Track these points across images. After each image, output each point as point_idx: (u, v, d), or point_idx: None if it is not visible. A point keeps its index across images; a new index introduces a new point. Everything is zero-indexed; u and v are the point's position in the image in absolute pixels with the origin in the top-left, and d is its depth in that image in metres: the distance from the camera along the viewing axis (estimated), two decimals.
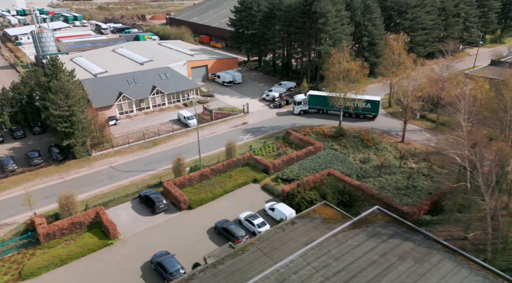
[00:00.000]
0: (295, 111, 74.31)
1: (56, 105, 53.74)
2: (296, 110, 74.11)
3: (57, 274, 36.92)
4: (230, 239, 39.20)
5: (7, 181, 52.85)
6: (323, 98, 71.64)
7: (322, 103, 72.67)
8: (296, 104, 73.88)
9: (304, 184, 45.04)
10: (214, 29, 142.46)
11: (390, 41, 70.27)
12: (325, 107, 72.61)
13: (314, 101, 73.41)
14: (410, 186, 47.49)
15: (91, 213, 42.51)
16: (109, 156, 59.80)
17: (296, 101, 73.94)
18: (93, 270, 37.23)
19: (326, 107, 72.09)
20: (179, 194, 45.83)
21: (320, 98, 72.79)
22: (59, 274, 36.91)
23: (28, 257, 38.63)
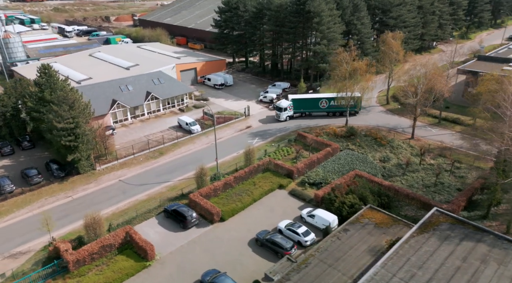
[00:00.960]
0: (282, 118, 70.40)
1: (60, 117, 49.28)
2: (282, 116, 70.34)
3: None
4: (276, 251, 37.44)
5: (8, 204, 47.81)
6: (307, 100, 71.17)
7: (305, 106, 71.43)
8: (282, 111, 70.14)
9: (338, 187, 44.05)
10: (191, 30, 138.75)
11: (389, 39, 71.04)
12: (308, 109, 71.64)
13: (297, 105, 71.19)
14: (438, 183, 47.84)
15: (120, 234, 39.17)
16: (115, 169, 55.89)
17: (281, 107, 70.15)
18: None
19: (310, 109, 71.51)
20: (210, 206, 43.36)
21: (303, 101, 71.38)
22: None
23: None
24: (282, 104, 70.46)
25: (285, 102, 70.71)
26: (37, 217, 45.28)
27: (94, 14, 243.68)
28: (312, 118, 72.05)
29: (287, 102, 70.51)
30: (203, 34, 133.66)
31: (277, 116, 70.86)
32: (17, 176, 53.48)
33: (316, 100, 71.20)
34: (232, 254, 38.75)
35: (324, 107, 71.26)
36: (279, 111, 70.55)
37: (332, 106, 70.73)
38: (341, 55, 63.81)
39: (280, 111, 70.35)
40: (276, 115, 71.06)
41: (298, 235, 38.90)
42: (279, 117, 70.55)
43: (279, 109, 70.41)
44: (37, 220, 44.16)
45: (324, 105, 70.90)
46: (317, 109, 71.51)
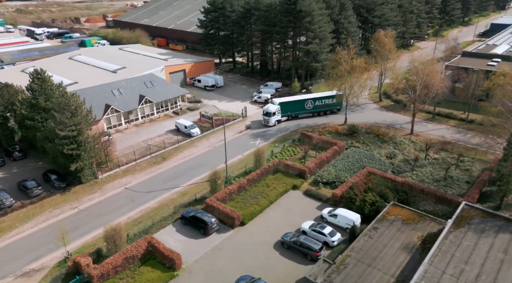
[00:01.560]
0: (271, 123, 67.88)
1: (62, 124, 46.80)
2: (271, 121, 67.79)
3: None
4: (305, 253, 37.11)
5: (10, 219, 44.94)
6: (293, 103, 69.89)
7: (292, 108, 70.15)
8: (271, 115, 67.57)
9: (356, 186, 44.27)
10: (171, 31, 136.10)
11: (382, 37, 72.29)
12: (295, 112, 70.59)
13: (284, 108, 69.36)
14: (447, 177, 49.03)
15: (142, 244, 37.64)
16: (118, 177, 53.78)
17: (270, 112, 67.47)
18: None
19: (296, 111, 70.60)
20: (229, 210, 42.47)
21: (290, 104, 69.87)
22: None
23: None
24: (270, 108, 67.86)
25: (273, 106, 68.28)
26: (43, 231, 43.04)
27: (61, 15, 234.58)
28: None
29: (275, 107, 68.10)
30: (184, 35, 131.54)
31: (266, 122, 68.19)
32: (13, 189, 50.39)
33: (303, 102, 70.27)
34: (259, 258, 38.09)
35: (309, 108, 71.01)
36: (267, 116, 67.89)
37: (317, 106, 71.24)
38: (340, 53, 64.26)
39: (268, 116, 67.75)
40: (264, 120, 68.35)
41: (325, 235, 38.73)
42: (267, 123, 67.99)
43: (268, 114, 67.77)
44: (44, 234, 42.10)
45: (310, 106, 70.64)
46: (303, 110, 70.93)
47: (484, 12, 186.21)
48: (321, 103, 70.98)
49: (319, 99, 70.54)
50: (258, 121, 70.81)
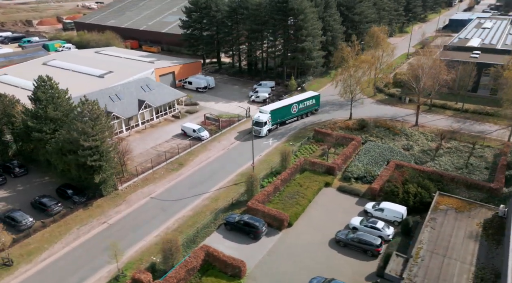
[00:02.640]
0: (262, 133, 63.30)
1: (85, 134, 43.54)
2: (263, 132, 63.33)
3: None
4: (365, 249, 37.30)
5: (36, 241, 41.16)
6: (282, 109, 66.13)
7: (281, 114, 66.30)
8: (263, 125, 62.97)
9: (394, 178, 45.25)
10: (144, 33, 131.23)
11: (377, 33, 74.40)
12: (283, 118, 66.92)
13: (274, 115, 65.07)
14: (468, 165, 51.48)
15: (200, 254, 35.99)
16: (139, 187, 51.07)
17: (261, 121, 62.93)
18: None
19: (284, 117, 67.07)
20: (276, 212, 41.74)
21: (279, 111, 65.80)
22: None
23: None
24: (261, 118, 63.27)
25: (263, 115, 63.73)
26: (78, 251, 40.04)
27: (6, 18, 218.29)
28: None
29: (266, 115, 63.70)
30: (158, 36, 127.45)
31: (257, 132, 62.98)
32: (27, 208, 46.21)
33: (289, 107, 67.53)
34: (319, 258, 37.78)
35: (295, 112, 68.78)
36: (258, 126, 63.04)
37: (300, 109, 69.46)
38: (345, 50, 65.32)
39: (260, 126, 63.08)
40: (255, 131, 62.61)
41: (379, 230, 39.17)
42: (259, 133, 63.13)
43: (259, 124, 63.05)
44: (81, 254, 39.42)
45: (295, 110, 68.46)
46: (290, 115, 68.29)
47: (436, 9, 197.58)
48: (304, 105, 69.62)
49: (302, 102, 69.04)
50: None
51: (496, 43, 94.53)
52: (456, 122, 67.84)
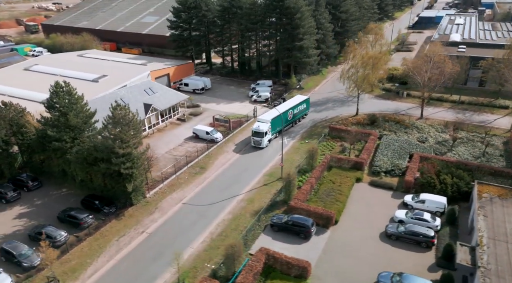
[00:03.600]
0: (263, 144, 59.02)
1: (120, 141, 41.42)
2: (264, 142, 58.97)
3: None
4: (419, 241, 38.17)
5: (76, 256, 38.71)
6: (280, 116, 59.24)
7: (279, 122, 60.30)
8: (263, 136, 58.40)
9: (426, 170, 46.68)
10: (122, 34, 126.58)
11: (375, 29, 76.34)
12: (280, 125, 60.86)
13: (273, 124, 60.23)
14: (485, 153, 54.06)
15: (261, 257, 35.34)
16: (167, 193, 49.35)
17: (262, 132, 58.11)
18: None
19: (281, 125, 60.89)
20: (322, 210, 41.80)
21: (278, 118, 59.61)
22: None
23: None
24: (261, 127, 58.46)
25: (263, 124, 59.00)
26: (124, 263, 38.24)
27: None
28: (333, 109, 71.43)
29: (266, 125, 58.95)
30: (138, 37, 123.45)
31: (257, 143, 59.05)
32: (54, 221, 43.28)
33: (286, 113, 63.03)
34: (376, 253, 38.21)
35: (290, 119, 65.09)
36: (259, 136, 58.67)
37: (295, 115, 66.10)
38: (352, 46, 66.53)
39: (260, 137, 58.61)
40: (255, 142, 59.09)
41: (427, 221, 40.22)
42: (259, 144, 59.01)
43: (259, 134, 58.58)
44: (129, 266, 37.84)
45: (291, 115, 64.57)
46: (286, 122, 63.92)
47: (403, 7, 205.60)
48: (298, 110, 66.45)
49: (296, 107, 65.48)
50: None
51: (475, 37, 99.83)
52: (456, 113, 70.94)
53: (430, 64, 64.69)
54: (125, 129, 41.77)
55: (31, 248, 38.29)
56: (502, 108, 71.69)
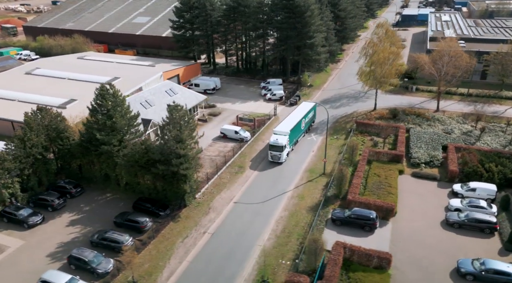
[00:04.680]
0: (282, 159, 54.11)
1: (181, 142, 40.71)
2: (283, 157, 54.06)
3: None
4: (482, 228, 39.80)
5: (146, 260, 37.75)
6: (297, 126, 57.67)
7: (296, 133, 57.97)
8: (282, 149, 53.46)
9: (469, 159, 48.70)
10: (114, 36, 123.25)
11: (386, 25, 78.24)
12: (297, 136, 59.19)
13: (291, 135, 56.21)
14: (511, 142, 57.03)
15: (340, 250, 35.70)
16: (215, 193, 48.88)
17: (281, 145, 53.18)
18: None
19: (297, 135, 59.28)
20: (382, 202, 42.76)
21: (295, 129, 57.07)
22: None
23: None
24: (279, 141, 53.32)
25: (281, 137, 54.06)
26: (198, 264, 37.87)
27: None
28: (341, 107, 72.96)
29: (284, 137, 54.11)
30: (132, 38, 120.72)
31: (276, 158, 54.00)
32: (109, 227, 41.94)
33: (300, 122, 59.31)
34: (444, 241, 39.22)
35: (303, 128, 61.28)
36: (277, 151, 53.42)
37: (306, 123, 62.63)
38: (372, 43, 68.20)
39: (279, 151, 53.46)
40: (273, 157, 54.02)
41: (484, 208, 41.99)
42: (278, 159, 53.91)
43: (277, 148, 53.37)
44: (203, 267, 37.17)
45: (303, 125, 61.29)
46: (300, 132, 60.47)
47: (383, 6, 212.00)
48: (308, 119, 63.01)
49: (306, 115, 61.66)
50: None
51: (468, 33, 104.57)
52: (467, 105, 74.10)
53: (447, 58, 67.15)
54: (183, 130, 41.05)
55: (101, 254, 37.01)
56: (508, 99, 75.62)
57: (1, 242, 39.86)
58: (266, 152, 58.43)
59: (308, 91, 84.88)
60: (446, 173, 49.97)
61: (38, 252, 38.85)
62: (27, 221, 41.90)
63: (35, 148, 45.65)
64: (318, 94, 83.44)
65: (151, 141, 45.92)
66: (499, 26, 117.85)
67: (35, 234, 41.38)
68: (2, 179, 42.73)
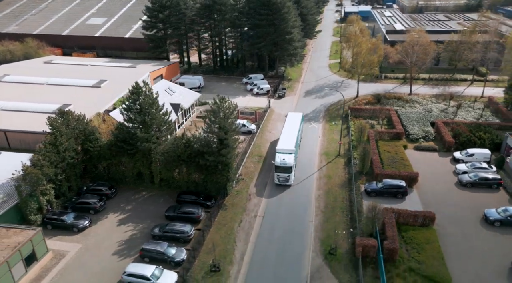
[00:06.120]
0: (291, 181, 48.92)
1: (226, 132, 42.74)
2: (291, 179, 48.80)
3: None
4: (489, 184, 47.03)
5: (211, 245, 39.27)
6: (298, 139, 53.92)
7: (297, 147, 53.62)
8: (290, 171, 48.03)
9: (461, 131, 56.58)
10: (69, 38, 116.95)
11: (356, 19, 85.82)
12: (298, 150, 54.50)
13: (296, 152, 51.64)
14: (482, 115, 66.48)
15: (390, 214, 40.64)
16: (247, 181, 51.21)
17: (289, 166, 47.76)
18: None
19: (298, 148, 55.32)
20: (407, 172, 48.60)
21: (297, 143, 53.46)
22: None
23: None
24: (287, 161, 47.73)
25: (289, 156, 48.48)
26: (263, 245, 40.18)
27: None
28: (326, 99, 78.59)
29: (291, 156, 48.59)
30: (91, 40, 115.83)
31: (283, 180, 48.51)
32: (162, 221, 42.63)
33: (298, 136, 55.35)
34: (464, 197, 45.96)
35: (300, 141, 57.95)
36: (285, 172, 47.92)
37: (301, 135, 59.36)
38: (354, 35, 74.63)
39: (288, 172, 48.00)
40: (281, 179, 48.46)
41: (487, 169, 49.45)
42: (287, 181, 48.50)
43: (286, 170, 47.81)
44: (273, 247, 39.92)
45: (300, 137, 57.80)
46: (298, 146, 55.66)
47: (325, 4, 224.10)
48: (301, 130, 59.40)
49: (300, 126, 58.01)
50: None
51: (414, 26, 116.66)
52: (432, 88, 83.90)
53: (417, 47, 75.84)
54: (227, 120, 43.08)
55: (171, 244, 37.94)
56: (462, 80, 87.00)
57: (58, 248, 38.71)
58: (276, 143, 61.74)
59: (289, 84, 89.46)
60: (443, 144, 57.49)
61: (101, 252, 38.55)
62: (77, 225, 40.96)
63: (68, 152, 44.38)
64: (300, 87, 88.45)
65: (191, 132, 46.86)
66: (431, 19, 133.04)
67: (88, 237, 40.67)
68: (41, 186, 41.15)
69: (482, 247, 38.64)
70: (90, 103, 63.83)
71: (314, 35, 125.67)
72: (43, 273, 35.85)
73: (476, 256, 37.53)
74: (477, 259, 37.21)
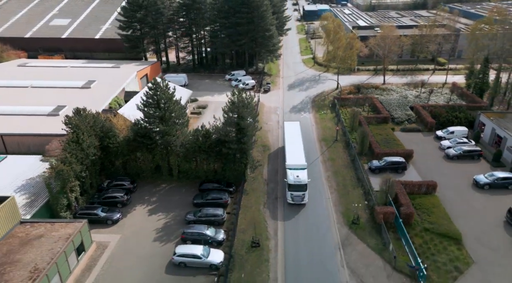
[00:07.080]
0: (306, 199, 45.20)
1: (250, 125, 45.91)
2: (306, 197, 45.10)
3: None
4: (472, 155, 53.93)
5: (245, 225, 42.26)
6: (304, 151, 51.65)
7: None
8: (305, 188, 44.70)
9: (439, 113, 63.61)
10: (32, 41, 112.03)
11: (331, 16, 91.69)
12: None
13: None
14: (450, 99, 74.53)
15: (400, 186, 45.96)
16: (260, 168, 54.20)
17: (304, 184, 44.52)
18: None
19: None
20: (403, 150, 54.49)
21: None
22: None
23: None
24: (301, 178, 44.60)
25: (302, 173, 45.35)
26: (291, 220, 43.65)
27: None
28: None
29: (304, 172, 45.52)
30: (57, 42, 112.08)
31: (298, 200, 44.89)
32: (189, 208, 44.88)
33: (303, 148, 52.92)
34: (452, 167, 52.47)
35: None
36: (300, 190, 44.58)
37: None
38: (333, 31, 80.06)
39: (303, 190, 44.69)
40: (295, 198, 44.78)
41: (469, 142, 56.65)
42: (302, 200, 44.93)
43: (300, 188, 44.50)
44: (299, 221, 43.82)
45: None
46: None
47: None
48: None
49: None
50: (275, 102, 76.98)
51: (374, 22, 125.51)
52: (401, 78, 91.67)
53: (389, 40, 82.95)
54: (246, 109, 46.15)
55: (209, 226, 40.43)
56: (424, 70, 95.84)
57: (97, 239, 39.66)
58: (277, 134, 65.41)
59: (271, 79, 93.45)
60: (424, 125, 64.27)
61: (141, 240, 40.13)
62: (112, 217, 42.08)
63: (90, 148, 45.12)
64: (281, 81, 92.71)
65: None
66: (386, 16, 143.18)
67: (123, 228, 41.95)
68: (70, 182, 41.77)
69: (478, 207, 44.93)
70: (85, 104, 62.97)
71: (285, 33, 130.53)
72: (91, 262, 36.89)
73: (475, 215, 43.66)
74: (476, 216, 43.34)
